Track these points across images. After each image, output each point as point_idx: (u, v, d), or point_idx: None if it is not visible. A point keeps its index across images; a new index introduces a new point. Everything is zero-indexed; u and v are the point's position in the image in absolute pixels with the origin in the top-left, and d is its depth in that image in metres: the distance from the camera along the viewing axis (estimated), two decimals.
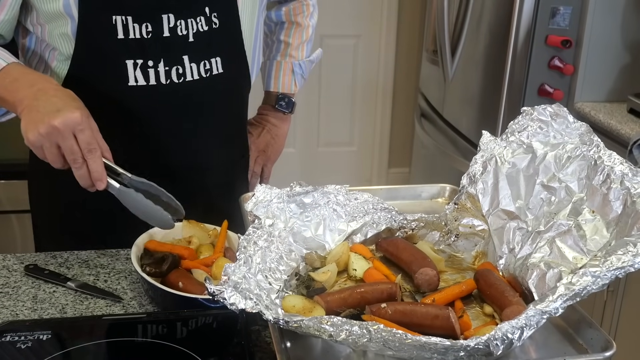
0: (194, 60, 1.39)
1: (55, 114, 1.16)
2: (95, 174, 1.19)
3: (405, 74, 4.26)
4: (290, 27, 1.72)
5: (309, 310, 1.00)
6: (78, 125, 1.16)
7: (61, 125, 1.15)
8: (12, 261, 1.35)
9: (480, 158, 1.20)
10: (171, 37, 1.35)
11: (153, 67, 1.35)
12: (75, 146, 1.17)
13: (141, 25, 1.33)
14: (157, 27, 1.34)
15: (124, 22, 1.31)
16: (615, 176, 1.05)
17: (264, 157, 1.75)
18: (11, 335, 1.07)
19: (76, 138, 1.17)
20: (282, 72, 1.73)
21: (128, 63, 1.34)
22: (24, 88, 1.23)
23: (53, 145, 1.17)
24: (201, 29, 1.38)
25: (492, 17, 2.72)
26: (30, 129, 1.17)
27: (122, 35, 1.32)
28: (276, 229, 1.11)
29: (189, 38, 1.37)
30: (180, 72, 1.38)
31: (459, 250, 1.21)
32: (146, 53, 1.34)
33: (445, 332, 0.94)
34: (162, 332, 1.13)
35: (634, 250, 0.92)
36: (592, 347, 0.96)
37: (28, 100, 1.20)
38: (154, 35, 1.34)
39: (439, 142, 3.19)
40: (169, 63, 1.36)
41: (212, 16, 1.39)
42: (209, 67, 1.41)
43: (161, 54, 1.35)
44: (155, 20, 1.33)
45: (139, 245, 1.26)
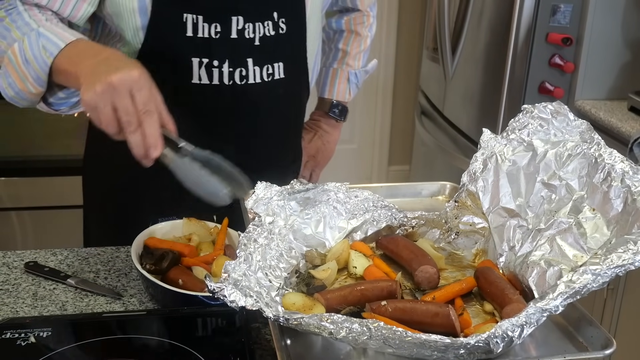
0: (257, 64, 1.40)
1: (113, 71, 1.07)
2: (149, 139, 1.07)
3: (406, 71, 4.25)
4: (350, 36, 1.73)
5: (309, 308, 1.00)
6: (136, 84, 1.07)
7: (118, 81, 1.06)
8: (12, 258, 1.35)
9: (480, 156, 1.20)
10: (238, 39, 1.36)
11: (218, 67, 1.36)
12: (131, 106, 1.07)
13: (210, 25, 1.33)
14: (226, 28, 1.35)
15: (194, 21, 1.32)
16: (616, 174, 1.05)
17: (314, 163, 1.77)
18: (11, 332, 1.07)
19: (133, 98, 1.07)
20: (338, 80, 1.74)
21: (194, 61, 1.35)
22: (88, 58, 1.16)
23: (108, 104, 1.07)
24: (268, 34, 1.39)
25: (493, 14, 2.72)
26: (86, 89, 1.08)
27: (190, 33, 1.33)
28: (276, 227, 1.11)
29: (255, 41, 1.38)
30: (244, 75, 1.39)
31: (459, 248, 1.21)
32: (212, 53, 1.35)
33: (446, 329, 0.94)
34: (162, 329, 1.13)
35: (634, 248, 0.92)
36: (592, 345, 0.96)
37: (90, 68, 1.13)
38: (222, 36, 1.35)
39: (440, 139, 3.19)
40: (233, 64, 1.37)
41: (279, 21, 1.40)
42: (271, 71, 1.42)
43: (227, 55, 1.36)
44: (225, 21, 1.35)
45: (139, 243, 1.26)
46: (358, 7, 1.71)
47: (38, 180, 2.99)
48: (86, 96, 1.08)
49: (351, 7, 1.70)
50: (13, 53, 1.23)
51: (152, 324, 1.14)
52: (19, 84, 1.24)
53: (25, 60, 1.21)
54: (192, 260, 1.23)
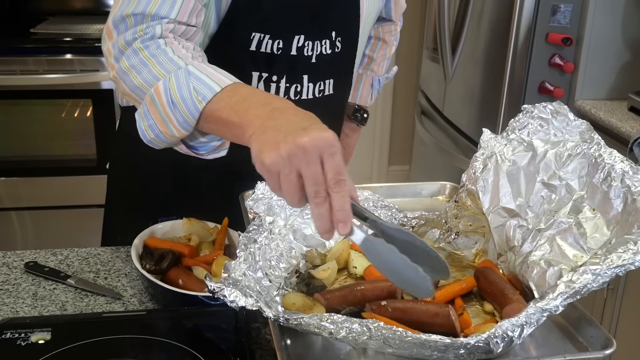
0: (311, 81, 1.41)
1: (301, 132, 0.90)
2: (339, 213, 0.90)
3: (406, 71, 4.25)
4: (377, 43, 1.74)
5: (309, 308, 1.00)
6: (330, 148, 0.90)
7: (310, 145, 0.89)
8: (12, 258, 1.35)
9: (480, 156, 1.20)
10: (297, 56, 1.37)
11: (276, 82, 1.38)
12: (321, 175, 0.90)
13: (274, 42, 1.34)
14: (287, 45, 1.36)
15: (260, 39, 1.33)
16: (616, 174, 1.05)
17: None
18: (11, 332, 1.07)
19: (323, 165, 0.90)
20: (362, 85, 1.75)
21: (254, 75, 1.36)
22: (256, 107, 1.00)
23: (293, 170, 0.90)
24: (324, 52, 1.40)
25: (493, 14, 2.72)
26: (267, 149, 0.91)
27: (254, 48, 1.33)
28: (276, 227, 1.11)
29: (312, 59, 1.39)
30: (298, 90, 1.40)
31: (459, 248, 1.21)
32: (272, 68, 1.36)
33: (446, 329, 0.94)
34: (162, 329, 1.13)
35: (634, 248, 0.92)
36: (592, 345, 0.96)
37: (261, 120, 0.96)
38: (283, 52, 1.36)
39: (440, 139, 3.19)
40: (290, 80, 1.39)
41: (336, 40, 1.41)
42: (322, 88, 1.44)
43: (285, 71, 1.38)
44: (288, 39, 1.35)
45: (139, 243, 1.26)
46: (392, 18, 1.72)
47: (38, 180, 2.99)
48: (267, 158, 0.91)
49: (386, 17, 1.72)
50: (157, 92, 1.09)
51: (152, 324, 1.14)
52: (161, 126, 1.10)
53: (171, 102, 1.07)
54: (192, 261, 1.23)
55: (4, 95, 2.85)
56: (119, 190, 1.61)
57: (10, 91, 2.84)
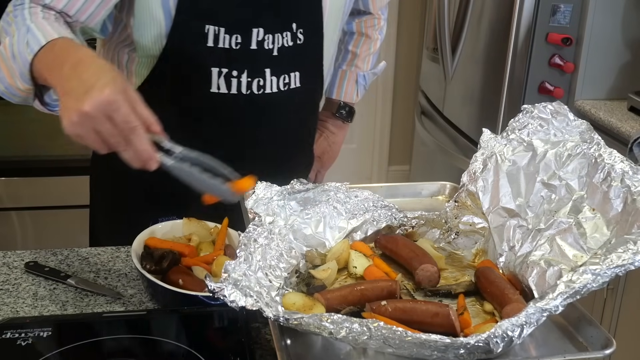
0: (275, 74, 1.41)
1: (83, 97, 1.01)
2: (143, 154, 1.04)
3: (406, 71, 4.25)
4: (360, 38, 1.73)
5: (309, 308, 1.00)
6: (109, 106, 1.00)
7: (92, 109, 1.00)
8: (13, 258, 1.35)
9: (480, 156, 1.20)
10: (258, 50, 1.37)
11: (237, 77, 1.37)
12: (113, 129, 1.02)
13: (231, 37, 1.35)
14: (246, 39, 1.36)
15: (216, 32, 1.33)
16: (616, 174, 1.05)
17: (319, 164, 1.77)
18: (11, 332, 1.07)
19: (113, 120, 1.02)
20: (347, 82, 1.75)
21: (213, 70, 1.36)
22: (60, 66, 1.09)
23: (90, 131, 1.02)
24: (286, 44, 1.40)
25: (493, 14, 2.72)
26: (63, 117, 1.03)
27: (211, 44, 1.34)
28: (276, 227, 1.11)
29: (273, 52, 1.39)
30: (261, 84, 1.40)
31: (459, 248, 1.21)
32: (232, 63, 1.36)
33: (445, 329, 0.94)
34: (162, 329, 1.13)
35: (634, 248, 0.92)
36: (592, 344, 0.96)
37: (61, 82, 1.07)
38: (242, 47, 1.36)
39: (439, 139, 3.19)
40: (252, 75, 1.39)
41: (298, 32, 1.41)
42: (287, 81, 1.43)
43: (246, 65, 1.38)
44: (246, 33, 1.36)
45: (139, 243, 1.26)
46: (370, 10, 1.71)
47: (38, 180, 2.99)
48: (66, 127, 1.03)
49: (363, 10, 1.71)
50: (4, 46, 1.18)
51: (152, 324, 1.14)
52: (8, 78, 1.19)
53: (12, 55, 1.16)
54: (192, 261, 1.23)
55: None
56: (101, 191, 1.60)
57: None
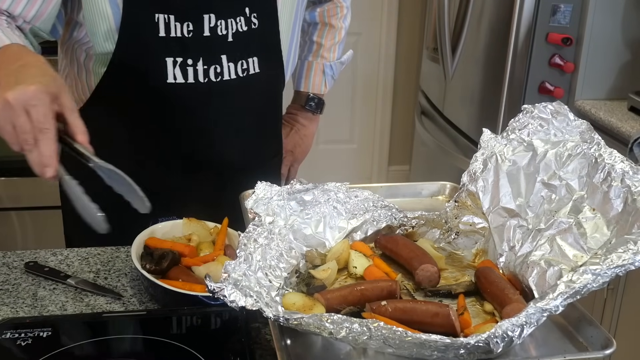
0: (231, 60, 1.40)
1: (12, 88, 1.03)
2: (44, 159, 1.04)
3: (406, 71, 4.25)
4: (324, 29, 1.73)
5: (309, 308, 1.00)
6: (30, 100, 1.02)
7: (13, 99, 1.02)
8: (12, 258, 1.35)
9: (480, 156, 1.20)
10: (211, 37, 1.37)
11: (192, 65, 1.37)
12: (27, 124, 1.03)
13: (182, 24, 1.34)
14: (198, 26, 1.35)
15: (166, 21, 1.33)
16: (616, 174, 1.05)
17: (292, 157, 1.77)
18: (11, 332, 1.07)
19: (29, 115, 1.03)
20: (313, 73, 1.74)
21: (168, 60, 1.36)
22: (7, 65, 1.11)
23: (7, 122, 1.04)
24: (240, 29, 1.39)
25: (493, 14, 2.72)
26: None
27: (163, 33, 1.34)
28: (276, 227, 1.11)
29: (228, 38, 1.38)
30: (218, 72, 1.39)
31: (459, 248, 1.21)
32: (186, 51, 1.36)
33: (446, 329, 0.94)
34: (162, 329, 1.13)
35: (634, 248, 0.92)
36: (592, 345, 0.96)
37: (3, 76, 1.08)
38: (195, 35, 1.36)
39: (440, 139, 3.19)
40: (207, 62, 1.38)
41: (251, 17, 1.40)
42: (245, 66, 1.42)
43: (200, 53, 1.37)
44: (197, 19, 1.35)
45: (139, 243, 1.26)
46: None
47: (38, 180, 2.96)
48: None
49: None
50: None
51: (152, 324, 1.14)
52: None
53: None
54: (192, 260, 1.23)
55: None
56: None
57: None
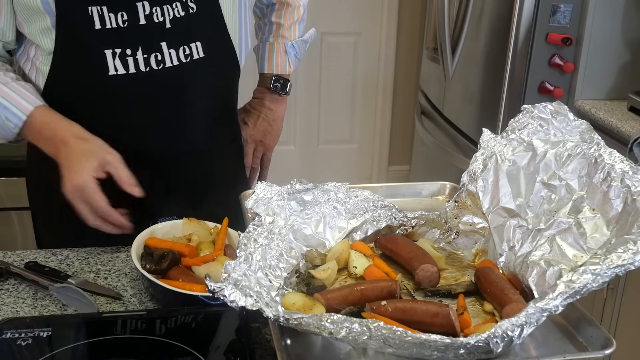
0: (172, 47, 1.39)
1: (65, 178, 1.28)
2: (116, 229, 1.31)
3: (406, 71, 4.25)
4: (281, 8, 1.70)
5: (309, 308, 1.00)
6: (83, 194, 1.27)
7: (70, 194, 1.27)
8: (13, 258, 1.35)
9: (480, 156, 1.20)
10: (148, 25, 1.36)
11: (131, 55, 1.36)
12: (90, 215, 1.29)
13: (117, 15, 1.34)
14: (133, 15, 1.35)
15: (99, 13, 1.33)
16: (616, 174, 1.05)
17: (262, 147, 1.74)
18: (11, 332, 1.07)
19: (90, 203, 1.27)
20: (275, 53, 1.71)
21: (107, 53, 1.35)
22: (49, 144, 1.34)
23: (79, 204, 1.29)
24: (178, 15, 1.38)
25: (493, 14, 2.72)
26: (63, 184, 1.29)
27: (99, 26, 1.33)
28: (276, 227, 1.11)
29: (165, 24, 1.37)
30: (160, 59, 1.38)
31: (459, 248, 1.21)
32: (124, 42, 1.35)
33: (445, 329, 0.94)
34: (162, 329, 1.13)
35: (634, 248, 0.92)
36: (592, 344, 0.96)
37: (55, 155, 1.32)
38: (130, 24, 1.35)
39: (439, 139, 3.19)
40: (147, 50, 1.37)
41: (188, 1, 1.39)
42: (188, 52, 1.41)
43: (139, 42, 1.36)
44: (130, 8, 1.34)
45: (139, 243, 1.26)
46: None
47: None
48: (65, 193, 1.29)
49: None
50: None
51: (152, 324, 1.14)
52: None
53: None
54: (192, 260, 1.23)
55: None
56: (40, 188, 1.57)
57: None
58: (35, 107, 1.34)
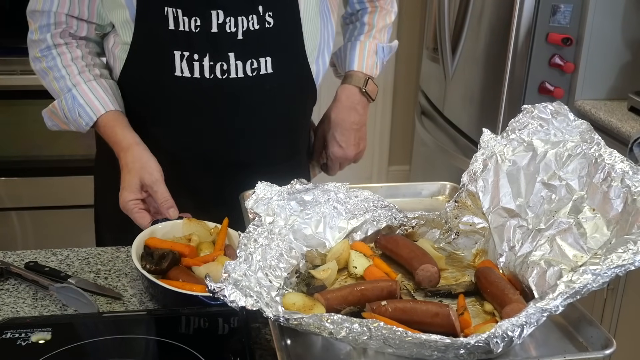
0: (240, 58, 1.40)
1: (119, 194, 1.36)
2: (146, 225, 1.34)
3: (406, 71, 4.25)
4: (374, 12, 1.65)
5: (309, 308, 1.00)
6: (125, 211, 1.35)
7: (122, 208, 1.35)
8: (13, 258, 1.35)
9: (480, 156, 1.20)
10: (219, 33, 1.37)
11: (198, 60, 1.38)
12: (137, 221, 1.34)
13: (190, 19, 1.36)
14: (206, 22, 1.36)
15: (174, 14, 1.35)
16: (616, 174, 1.05)
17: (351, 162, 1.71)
18: (11, 332, 1.07)
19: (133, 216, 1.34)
20: (367, 53, 1.62)
21: (176, 54, 1.38)
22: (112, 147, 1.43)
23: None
24: (252, 28, 1.38)
25: (493, 14, 2.72)
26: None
27: (172, 27, 1.36)
28: (276, 227, 1.11)
29: (237, 35, 1.38)
30: (225, 69, 1.39)
31: (459, 248, 1.21)
32: (193, 46, 1.37)
33: (446, 329, 0.94)
34: (162, 329, 1.13)
35: (634, 248, 0.92)
36: (592, 345, 0.96)
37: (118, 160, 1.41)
38: (202, 30, 1.37)
39: (440, 139, 3.19)
40: (214, 58, 1.39)
41: (265, 15, 1.39)
42: (256, 66, 1.41)
43: (207, 49, 1.38)
44: (204, 15, 1.36)
45: (139, 243, 1.26)
46: None
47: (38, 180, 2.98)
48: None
49: None
50: (55, 108, 1.47)
51: (152, 324, 1.14)
52: (63, 127, 1.50)
53: (65, 118, 1.46)
54: (192, 260, 1.23)
55: (4, 95, 2.85)
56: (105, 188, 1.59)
57: (10, 91, 2.84)
58: (107, 111, 1.42)
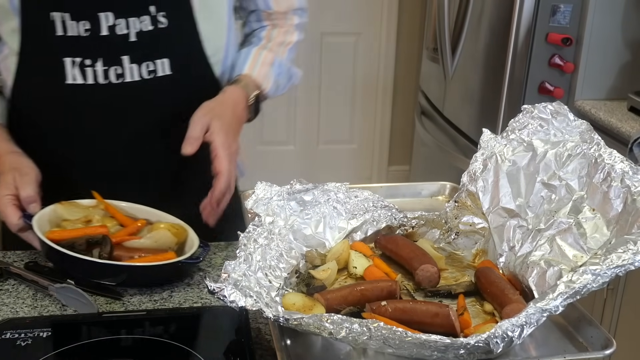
0: (135, 61, 1.35)
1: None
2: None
3: (406, 71, 4.26)
4: (273, 28, 1.55)
5: (309, 308, 1.00)
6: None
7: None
8: (13, 258, 1.35)
9: (480, 156, 1.20)
10: (110, 36, 1.32)
11: (91, 65, 1.34)
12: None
13: (79, 23, 1.31)
14: (95, 25, 1.32)
15: (62, 19, 1.31)
16: (616, 174, 1.05)
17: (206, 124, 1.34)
18: (11, 332, 1.07)
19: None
20: (261, 61, 1.48)
21: (66, 60, 1.33)
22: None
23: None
24: (145, 29, 1.34)
25: (493, 14, 2.72)
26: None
27: (60, 32, 1.31)
28: (276, 227, 1.11)
29: (130, 37, 1.34)
30: (119, 73, 1.35)
31: (459, 248, 1.21)
32: (84, 51, 1.33)
33: (445, 329, 0.94)
34: (162, 329, 1.13)
35: (634, 249, 0.92)
36: (592, 345, 0.96)
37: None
38: (92, 34, 1.32)
39: (439, 139, 3.19)
40: (107, 62, 1.34)
41: (158, 15, 1.34)
42: (152, 68, 1.36)
43: (99, 53, 1.33)
44: (93, 18, 1.31)
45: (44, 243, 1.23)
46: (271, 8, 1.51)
47: None
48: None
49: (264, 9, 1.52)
50: None
51: (152, 324, 1.14)
52: None
53: None
54: (120, 237, 1.25)
55: None
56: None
57: None
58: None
